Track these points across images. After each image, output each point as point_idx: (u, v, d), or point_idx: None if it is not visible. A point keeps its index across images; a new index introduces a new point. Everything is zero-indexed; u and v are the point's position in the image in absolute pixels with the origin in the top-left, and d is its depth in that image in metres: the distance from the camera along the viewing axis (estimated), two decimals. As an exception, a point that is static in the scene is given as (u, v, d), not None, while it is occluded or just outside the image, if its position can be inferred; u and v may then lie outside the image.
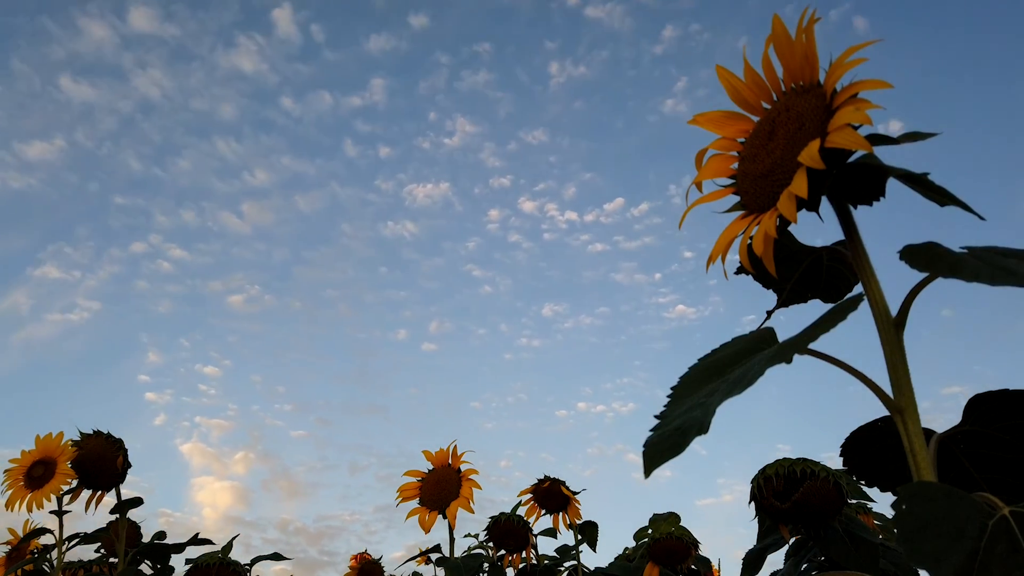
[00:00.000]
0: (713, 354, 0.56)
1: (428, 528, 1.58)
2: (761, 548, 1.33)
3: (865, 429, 0.62)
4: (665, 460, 0.45)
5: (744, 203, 0.57)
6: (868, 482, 0.64)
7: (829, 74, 0.50)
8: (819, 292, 0.63)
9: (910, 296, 0.50)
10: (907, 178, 0.48)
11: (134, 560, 1.62)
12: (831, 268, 0.61)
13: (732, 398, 0.46)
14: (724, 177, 0.59)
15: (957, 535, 0.39)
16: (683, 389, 0.54)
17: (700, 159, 0.61)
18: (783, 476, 1.12)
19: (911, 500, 0.41)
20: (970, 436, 0.56)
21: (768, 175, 0.53)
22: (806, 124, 0.51)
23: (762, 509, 1.16)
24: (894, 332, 0.49)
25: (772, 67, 0.54)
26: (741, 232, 0.56)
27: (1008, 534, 0.40)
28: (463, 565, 1.56)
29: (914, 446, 0.48)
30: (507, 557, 1.85)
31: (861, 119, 0.47)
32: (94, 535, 1.65)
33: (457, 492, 1.60)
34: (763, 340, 0.54)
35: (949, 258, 0.46)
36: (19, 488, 1.48)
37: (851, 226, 0.52)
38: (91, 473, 1.53)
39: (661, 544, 1.62)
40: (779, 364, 0.47)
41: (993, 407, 0.54)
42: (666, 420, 0.50)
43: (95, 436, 1.56)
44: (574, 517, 1.89)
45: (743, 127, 0.59)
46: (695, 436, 0.45)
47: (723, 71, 0.58)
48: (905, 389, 0.49)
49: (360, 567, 2.18)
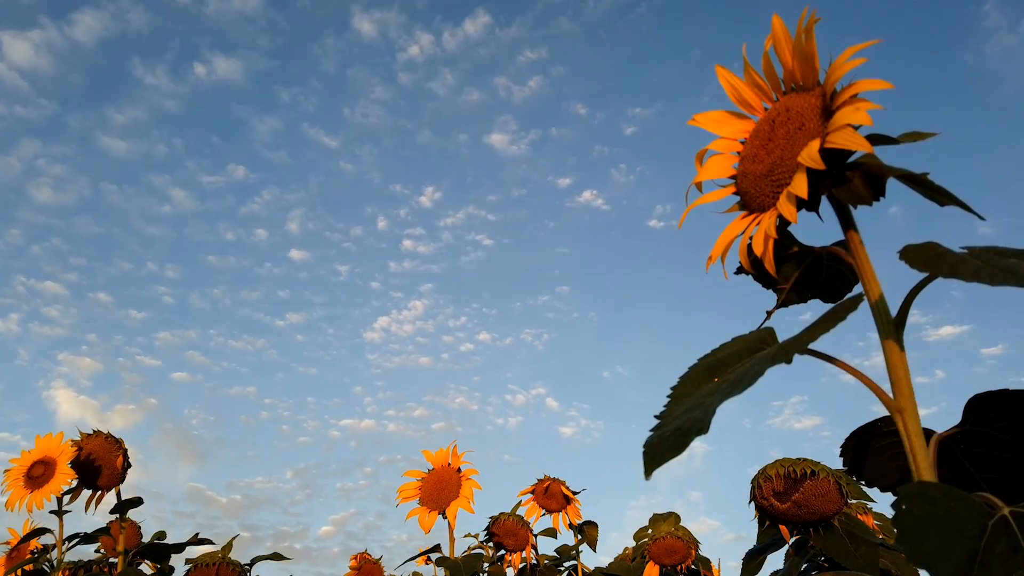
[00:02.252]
0: (713, 354, 0.56)
1: (428, 528, 1.58)
2: (761, 548, 1.33)
3: (865, 429, 0.62)
4: (665, 460, 0.45)
5: (744, 203, 0.57)
6: (868, 482, 0.64)
7: (829, 74, 0.50)
8: (819, 292, 0.63)
9: (910, 296, 0.50)
10: (907, 178, 0.48)
11: (134, 560, 1.62)
12: (831, 268, 0.61)
13: (732, 398, 0.46)
14: (724, 177, 0.60)
15: (957, 535, 0.39)
16: (683, 389, 0.54)
17: (700, 159, 0.61)
18: (783, 476, 1.12)
19: (911, 500, 0.41)
20: (970, 436, 0.56)
21: (768, 175, 0.53)
22: (806, 124, 0.51)
23: (762, 509, 1.16)
24: (894, 332, 0.49)
25: (772, 67, 0.54)
26: (741, 232, 0.56)
27: (1008, 534, 0.40)
28: (463, 565, 1.56)
29: (914, 446, 0.48)
30: (507, 557, 1.85)
31: (861, 119, 0.47)
32: (94, 535, 1.65)
33: (457, 492, 1.60)
34: (763, 340, 0.54)
35: (949, 258, 0.46)
36: (19, 488, 1.48)
37: (851, 226, 0.52)
38: (91, 473, 1.53)
39: (661, 544, 1.62)
40: (779, 364, 0.47)
41: (993, 407, 0.54)
42: (666, 420, 0.50)
43: (95, 436, 1.56)
44: (574, 517, 1.89)
45: (743, 127, 0.59)
46: (696, 436, 0.45)
47: (723, 71, 0.58)
48: (905, 389, 0.49)
49: (360, 567, 2.18)
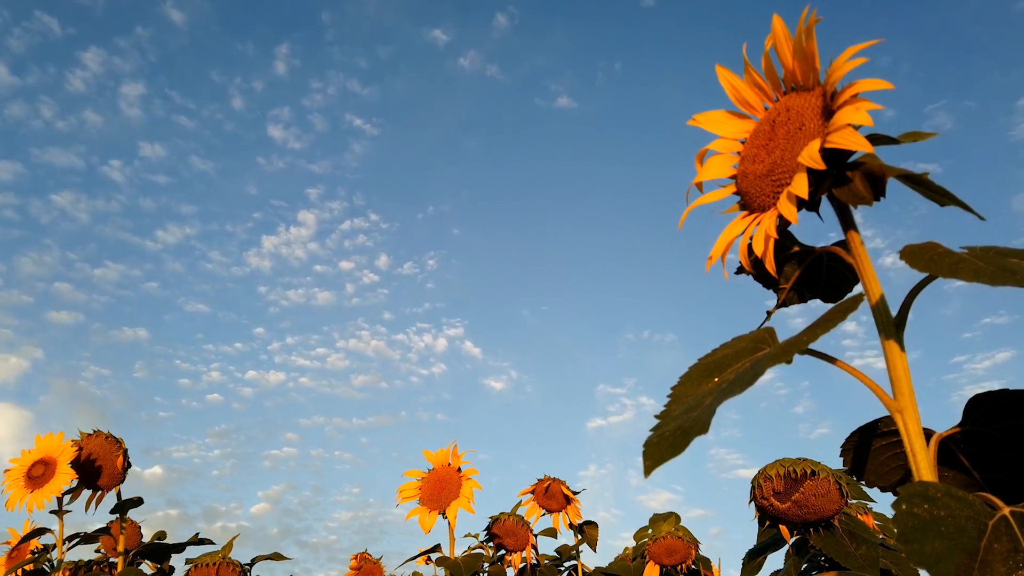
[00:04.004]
0: (713, 354, 0.56)
1: (428, 528, 1.58)
2: (761, 548, 1.33)
3: (865, 429, 0.62)
4: (665, 460, 0.45)
5: (744, 203, 0.57)
6: (868, 482, 0.64)
7: (829, 74, 0.50)
8: (819, 292, 0.63)
9: (910, 296, 0.50)
10: (908, 178, 0.48)
11: (135, 560, 1.62)
12: (831, 268, 0.61)
13: (732, 398, 0.46)
14: (724, 177, 0.60)
15: (957, 535, 0.39)
16: (683, 388, 0.54)
17: (700, 159, 0.61)
18: (783, 476, 1.12)
19: (911, 500, 0.41)
20: (970, 436, 0.56)
21: (768, 175, 0.53)
22: (806, 124, 0.51)
23: (762, 509, 1.16)
24: (894, 332, 0.49)
25: (772, 67, 0.54)
26: (741, 232, 0.56)
27: (1008, 534, 0.40)
28: (463, 565, 1.56)
29: (914, 446, 0.48)
30: (507, 557, 1.85)
31: (862, 119, 0.47)
32: (94, 535, 1.65)
33: (457, 492, 1.60)
34: (763, 340, 0.54)
35: (949, 258, 0.46)
36: (19, 488, 1.48)
37: (851, 226, 0.52)
38: (91, 473, 1.53)
39: (661, 544, 1.62)
40: (780, 364, 0.47)
41: (993, 407, 0.54)
42: (666, 420, 0.50)
43: (95, 436, 1.56)
44: (574, 517, 1.89)
45: (743, 127, 0.59)
46: (696, 436, 0.45)
47: (723, 71, 0.58)
48: (905, 389, 0.49)
49: (360, 567, 2.18)
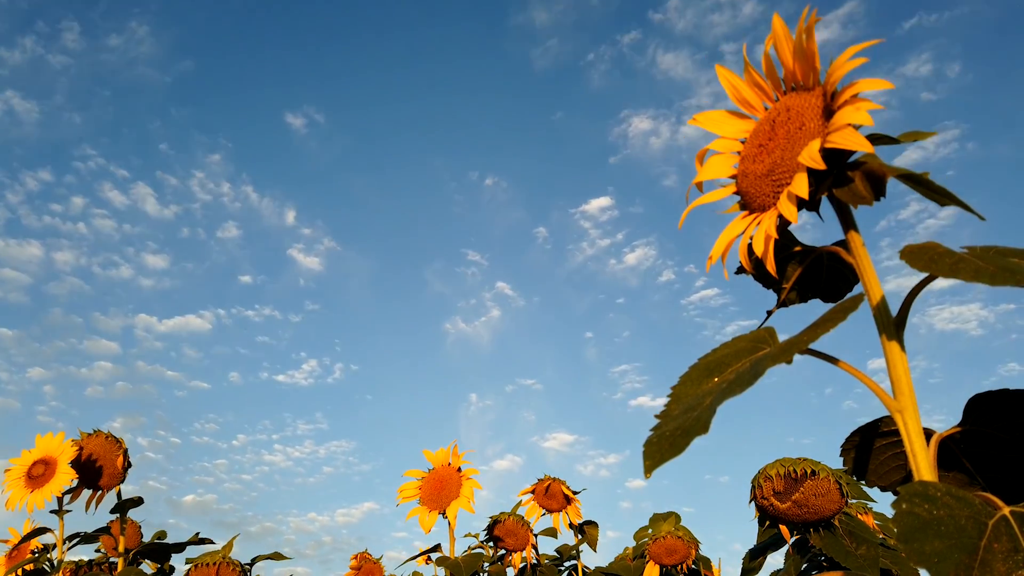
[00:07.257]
0: (713, 353, 0.56)
1: (429, 528, 1.58)
2: (761, 548, 1.34)
3: (865, 429, 0.62)
4: (666, 460, 0.45)
5: (744, 203, 0.57)
6: (868, 482, 0.64)
7: (829, 74, 0.50)
8: (819, 292, 0.63)
9: (910, 296, 0.50)
10: (908, 178, 0.48)
11: (135, 560, 1.62)
12: (831, 268, 0.61)
13: (732, 398, 0.46)
14: (724, 177, 0.60)
15: (957, 535, 0.39)
16: (683, 388, 0.54)
17: (700, 159, 0.61)
18: (783, 476, 1.12)
19: (911, 500, 0.41)
20: (970, 436, 0.56)
21: (768, 175, 0.53)
22: (806, 124, 0.51)
23: (762, 509, 1.16)
24: (894, 332, 0.49)
25: (772, 67, 0.54)
26: (741, 232, 0.56)
27: (1008, 533, 0.40)
28: (463, 565, 1.56)
29: (914, 446, 0.48)
30: (507, 557, 1.85)
31: (862, 119, 0.47)
32: (94, 535, 1.65)
33: (457, 492, 1.60)
34: (763, 340, 0.54)
35: (949, 258, 0.46)
36: (19, 488, 1.48)
37: (851, 226, 0.52)
38: (91, 473, 1.53)
39: (661, 544, 1.62)
40: (780, 364, 0.47)
41: (993, 407, 0.54)
42: (666, 419, 0.50)
43: (95, 436, 1.56)
44: (574, 517, 1.89)
45: (743, 127, 0.59)
46: (696, 435, 0.45)
47: (723, 71, 0.58)
48: (905, 389, 0.49)
49: (360, 567, 2.18)
